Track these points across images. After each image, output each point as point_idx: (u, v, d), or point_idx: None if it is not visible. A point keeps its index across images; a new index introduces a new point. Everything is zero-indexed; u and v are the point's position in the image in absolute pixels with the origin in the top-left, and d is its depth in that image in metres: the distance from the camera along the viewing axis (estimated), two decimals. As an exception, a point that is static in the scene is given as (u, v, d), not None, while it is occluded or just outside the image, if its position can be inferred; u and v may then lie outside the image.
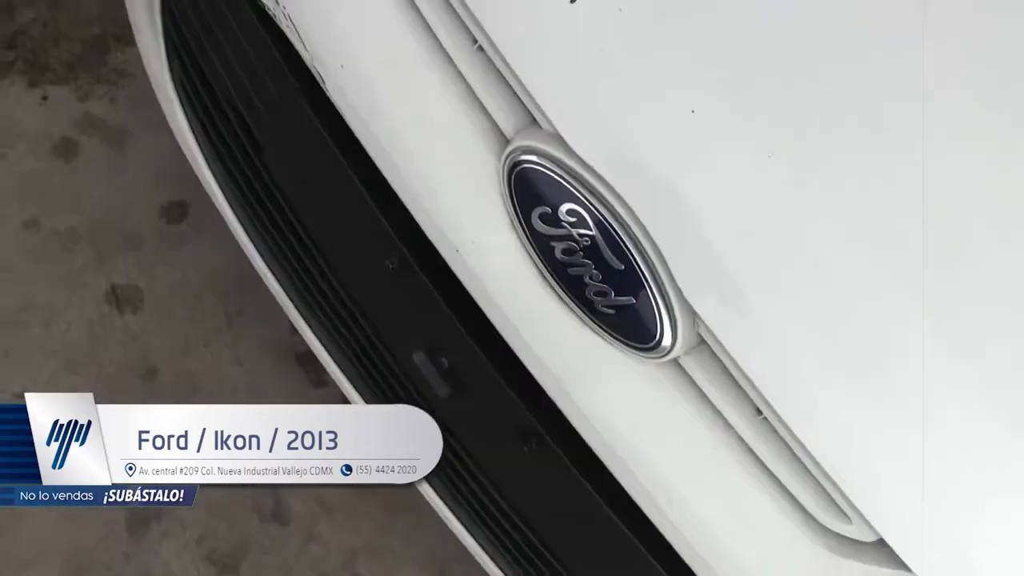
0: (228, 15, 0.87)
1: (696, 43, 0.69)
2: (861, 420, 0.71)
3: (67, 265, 1.24)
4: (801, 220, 0.67)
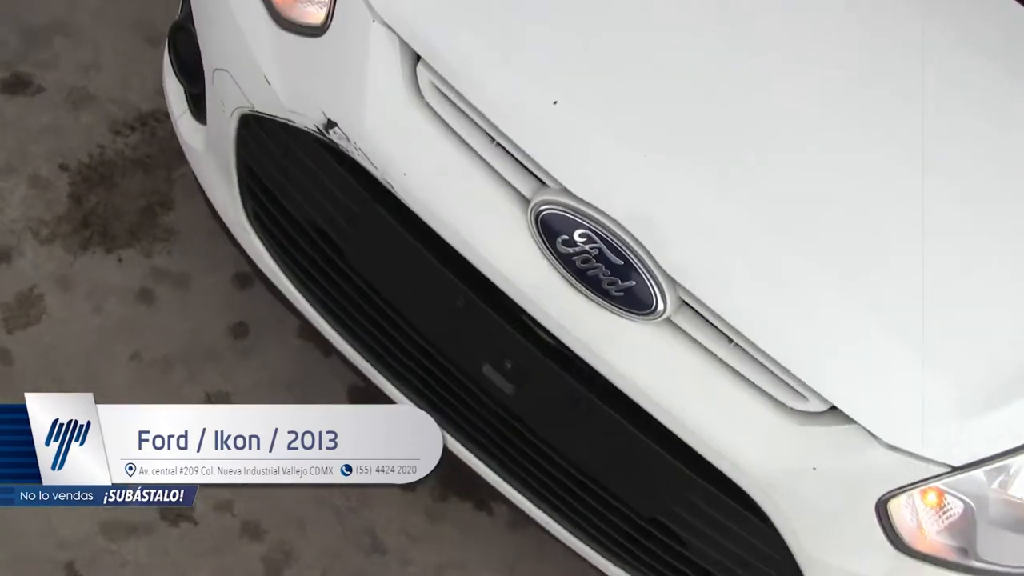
0: (305, 159, 1.27)
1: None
2: (797, 328, 1.12)
3: (168, 384, 1.58)
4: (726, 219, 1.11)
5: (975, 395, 1.15)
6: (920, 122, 1.23)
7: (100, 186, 1.75)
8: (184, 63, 1.49)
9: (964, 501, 1.18)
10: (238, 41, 1.28)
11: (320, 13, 1.23)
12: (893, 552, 1.20)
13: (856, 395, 1.13)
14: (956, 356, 1.15)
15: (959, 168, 1.23)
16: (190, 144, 1.50)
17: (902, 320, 1.13)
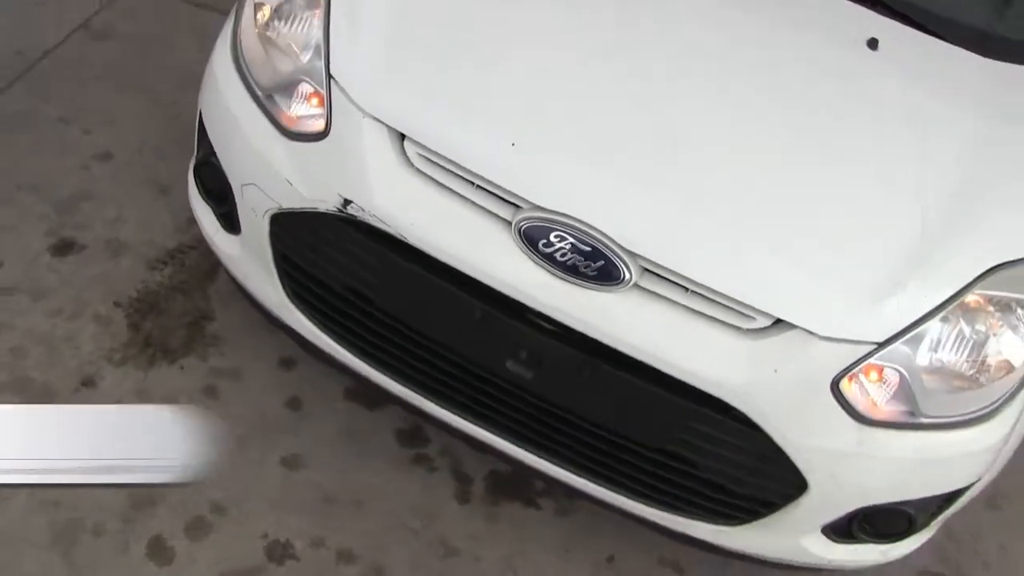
0: (330, 234, 1.64)
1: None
2: (734, 266, 1.50)
3: (249, 457, 1.91)
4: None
5: (878, 284, 1.53)
6: (782, 104, 1.71)
7: (151, 313, 2.11)
8: (211, 190, 1.87)
9: (898, 371, 1.55)
10: (259, 159, 1.67)
11: (320, 122, 1.62)
12: (856, 425, 1.55)
13: (790, 306, 1.51)
14: (855, 258, 1.54)
15: (811, 127, 1.69)
16: (228, 253, 1.87)
17: (808, 242, 1.54)
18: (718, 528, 1.72)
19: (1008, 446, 1.73)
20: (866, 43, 1.95)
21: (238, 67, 1.74)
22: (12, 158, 2.37)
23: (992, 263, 1.59)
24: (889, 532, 1.75)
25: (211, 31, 3.11)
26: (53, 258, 2.16)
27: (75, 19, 2.97)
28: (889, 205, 1.63)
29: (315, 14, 1.71)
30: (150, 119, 2.67)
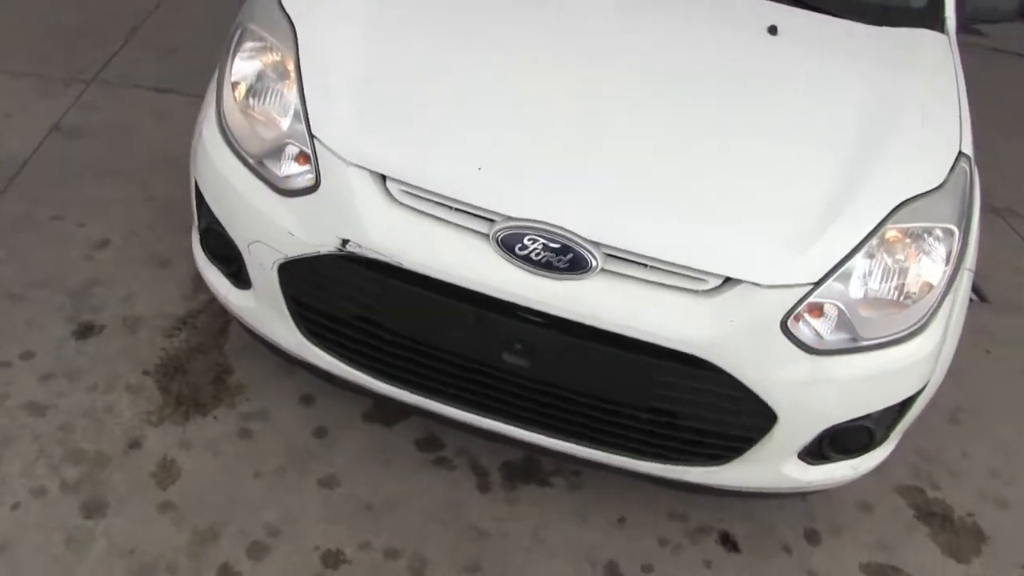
0: (334, 272, 1.90)
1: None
2: (681, 239, 1.78)
3: (288, 483, 2.16)
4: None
5: (804, 233, 1.83)
6: (699, 91, 2.01)
7: (177, 375, 2.35)
8: (218, 254, 2.13)
9: (836, 305, 1.85)
10: (261, 218, 1.93)
11: (310, 177, 1.89)
12: (808, 357, 1.84)
13: (734, 265, 1.80)
14: (781, 214, 1.84)
15: (726, 107, 2.02)
16: (243, 306, 2.12)
17: (739, 207, 1.84)
18: (709, 470, 1.99)
19: (944, 354, 2.04)
20: (767, 29, 2.27)
21: (227, 141, 2.00)
22: (19, 260, 2.61)
23: (899, 200, 1.91)
24: (855, 447, 2.04)
25: (172, 112, 3.44)
26: (78, 341, 2.39)
27: (45, 123, 3.22)
28: (803, 164, 1.94)
29: (286, 84, 1.98)
30: (134, 203, 2.92)
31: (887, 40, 2.38)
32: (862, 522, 2.42)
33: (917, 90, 2.22)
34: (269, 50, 2.02)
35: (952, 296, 1.99)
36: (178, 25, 4.13)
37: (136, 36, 3.98)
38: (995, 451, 2.77)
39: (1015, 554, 2.44)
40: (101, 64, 3.68)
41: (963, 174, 2.04)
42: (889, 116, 2.08)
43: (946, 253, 1.93)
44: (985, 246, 3.90)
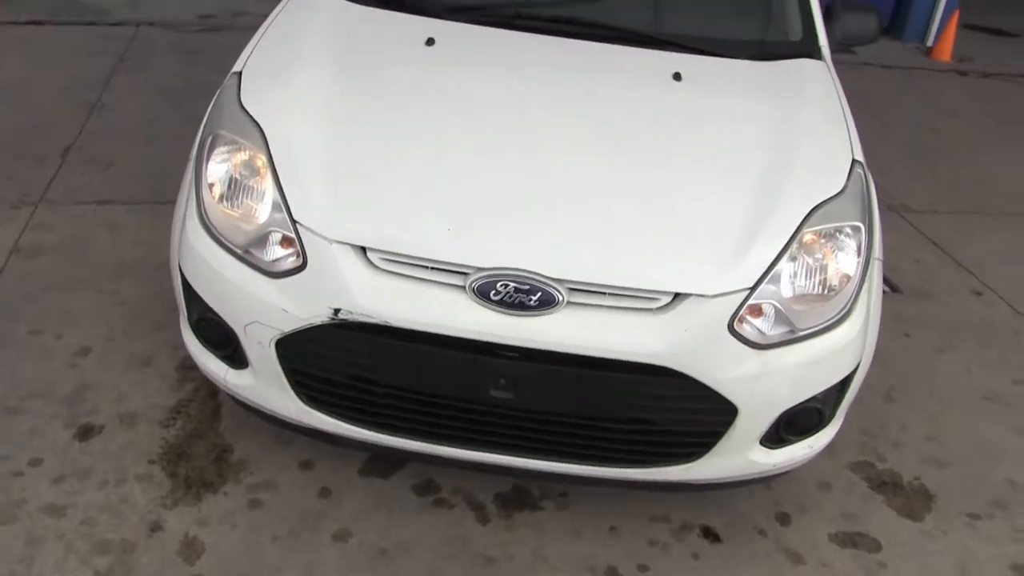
0: (328, 339, 2.11)
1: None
2: (631, 267, 2.06)
3: (305, 543, 2.33)
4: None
5: (735, 247, 2.12)
6: (625, 136, 2.33)
7: (181, 460, 2.51)
8: (212, 340, 2.31)
9: (772, 304, 2.14)
10: (255, 301, 2.14)
11: (296, 258, 2.11)
12: (755, 352, 2.12)
13: (680, 282, 2.08)
14: (712, 233, 2.14)
15: (649, 147, 2.36)
16: (242, 385, 2.31)
17: (676, 233, 2.14)
18: (685, 467, 2.24)
19: (869, 335, 2.34)
20: (672, 76, 2.60)
21: (212, 235, 2.21)
22: (7, 375, 2.74)
23: (809, 207, 2.23)
24: (808, 428, 2.32)
25: (120, 223, 3.63)
26: (81, 443, 2.54)
27: (3, 247, 3.37)
28: (723, 189, 2.25)
29: (260, 180, 2.21)
30: (105, 310, 3.08)
31: (776, 73, 2.73)
32: (824, 499, 2.70)
33: (808, 112, 2.58)
34: (241, 150, 2.24)
35: (868, 283, 2.31)
36: (108, 139, 4.32)
37: (71, 154, 4.15)
38: (927, 420, 3.10)
39: (960, 505, 2.75)
40: (44, 185, 3.84)
41: (859, 178, 2.37)
42: (788, 137, 2.42)
43: (857, 246, 2.25)
44: (889, 242, 4.34)
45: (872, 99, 6.47)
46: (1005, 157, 5.69)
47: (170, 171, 3.85)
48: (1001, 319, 3.82)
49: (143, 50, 5.56)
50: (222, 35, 5.91)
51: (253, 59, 2.53)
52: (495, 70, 2.61)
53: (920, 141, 5.78)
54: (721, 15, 3.09)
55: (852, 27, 3.08)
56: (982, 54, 8.02)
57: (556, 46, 2.73)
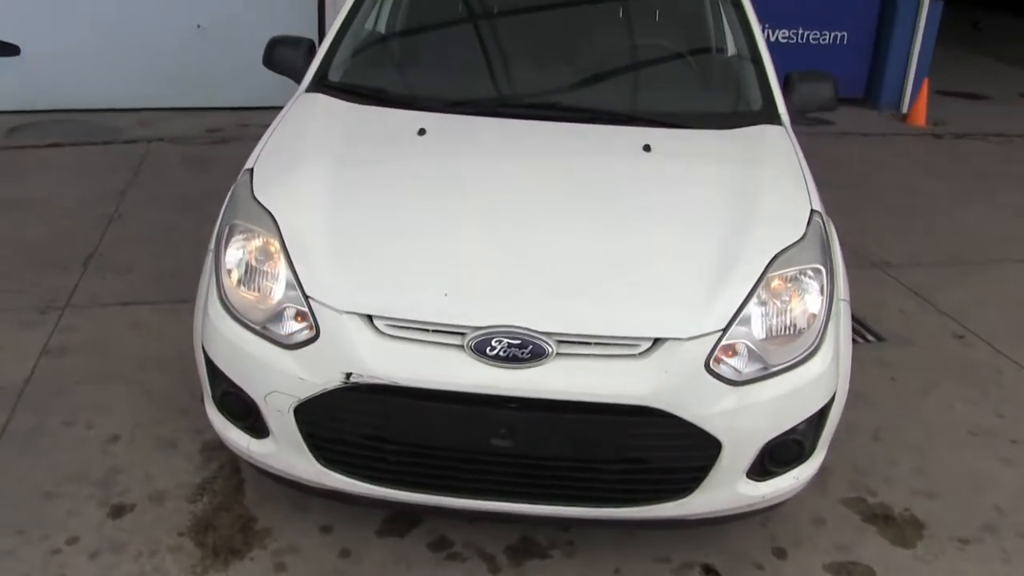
0: (342, 402, 2.31)
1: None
2: (613, 317, 2.27)
3: None
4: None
5: (706, 294, 2.34)
6: (602, 204, 2.59)
7: (208, 531, 2.68)
8: (235, 413, 2.51)
9: (744, 343, 2.34)
10: (274, 371, 2.35)
11: (310, 330, 2.33)
12: (732, 389, 2.32)
13: (659, 328, 2.29)
14: (685, 283, 2.36)
15: (624, 212, 2.61)
16: (263, 452, 2.50)
17: (653, 286, 2.36)
18: (678, 503, 2.40)
19: (842, 369, 2.53)
20: (642, 148, 2.86)
21: (232, 315, 2.44)
22: (44, 464, 2.93)
23: (772, 254, 2.45)
24: (790, 459, 2.49)
25: (142, 321, 3.86)
26: (115, 520, 2.71)
27: (34, 349, 3.60)
28: (693, 243, 2.48)
29: (273, 263, 2.45)
30: (132, 399, 3.29)
31: (737, 139, 3.00)
32: (818, 533, 2.84)
33: (767, 170, 2.83)
34: (256, 237, 2.49)
35: (835, 321, 2.51)
36: (127, 246, 4.60)
37: (93, 261, 4.42)
38: (915, 455, 3.25)
39: (950, 531, 2.89)
40: (69, 291, 4.09)
41: (818, 225, 2.60)
42: (750, 194, 2.66)
43: (819, 287, 2.47)
44: (872, 295, 4.56)
45: (851, 165, 6.78)
46: (981, 209, 5.94)
47: (186, 273, 4.15)
48: (982, 358, 4.00)
49: (155, 164, 5.91)
50: (229, 146, 6.27)
51: (263, 157, 2.80)
52: (482, 153, 2.89)
53: (899, 201, 6.04)
54: (686, 92, 3.39)
55: (810, 94, 3.35)
56: (956, 117, 8.37)
57: (537, 129, 3.01)
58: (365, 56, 3.53)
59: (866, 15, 8.41)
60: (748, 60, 3.40)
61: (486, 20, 3.61)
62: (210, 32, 7.03)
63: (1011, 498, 3.06)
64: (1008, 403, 3.64)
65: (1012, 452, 3.32)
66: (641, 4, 3.79)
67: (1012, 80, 10.30)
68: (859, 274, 4.75)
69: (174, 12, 6.92)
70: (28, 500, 2.78)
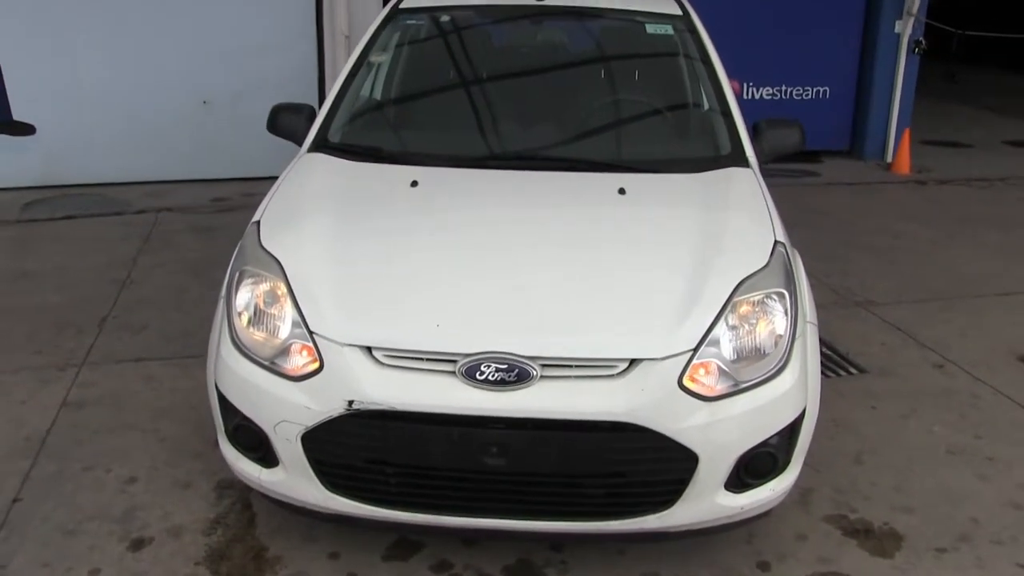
0: (345, 428, 2.51)
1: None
2: (592, 342, 2.50)
3: None
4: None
5: (677, 318, 2.56)
6: (581, 241, 2.83)
7: (223, 560, 2.86)
8: (247, 444, 2.72)
9: (714, 362, 2.56)
10: (282, 402, 2.56)
11: (314, 364, 2.55)
12: (705, 404, 2.52)
13: (634, 350, 2.50)
14: (658, 309, 2.58)
15: (601, 248, 2.85)
16: (273, 480, 2.69)
17: (629, 314, 2.58)
18: (660, 515, 2.58)
19: (811, 382, 2.73)
20: (618, 191, 3.11)
21: (243, 353, 2.66)
22: (65, 505, 3.13)
23: (738, 280, 2.67)
24: (765, 471, 2.67)
25: (155, 375, 4.07)
26: (135, 553, 2.89)
27: (54, 402, 3.81)
28: (665, 273, 2.71)
29: (280, 305, 2.68)
30: (148, 446, 3.49)
31: (707, 181, 3.25)
32: (801, 547, 3.01)
33: (734, 208, 3.08)
34: (264, 281, 2.73)
35: (801, 341, 2.72)
36: (139, 308, 4.85)
37: (107, 323, 4.66)
38: (895, 474, 3.42)
39: (927, 543, 3.05)
40: (85, 350, 4.32)
41: (781, 255, 2.83)
42: (717, 228, 2.90)
43: (783, 309, 2.69)
44: (857, 331, 4.77)
45: (837, 212, 7.04)
46: (962, 251, 6.17)
47: (195, 331, 4.43)
48: (960, 385, 4.18)
49: (164, 232, 6.20)
50: (234, 214, 6.55)
51: (269, 210, 3.06)
52: (469, 199, 3.15)
53: (883, 244, 6.28)
54: (659, 142, 3.67)
55: (778, 139, 3.61)
56: (939, 164, 8.67)
57: (520, 177, 3.27)
58: (361, 119, 3.82)
59: (846, 70, 8.76)
60: (718, 111, 3.67)
61: (473, 81, 3.91)
62: (216, 108, 7.39)
63: (987, 510, 3.23)
64: (985, 425, 3.82)
65: (988, 468, 3.49)
66: (617, 64, 4.09)
67: (993, 128, 10.63)
68: (843, 312, 5.00)
69: (182, 89, 7.29)
70: (52, 537, 2.97)
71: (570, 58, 4.16)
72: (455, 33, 4.06)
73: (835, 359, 4.39)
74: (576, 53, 4.17)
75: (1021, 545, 3.04)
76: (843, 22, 8.60)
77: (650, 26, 4.00)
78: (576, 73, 4.01)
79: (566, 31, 4.18)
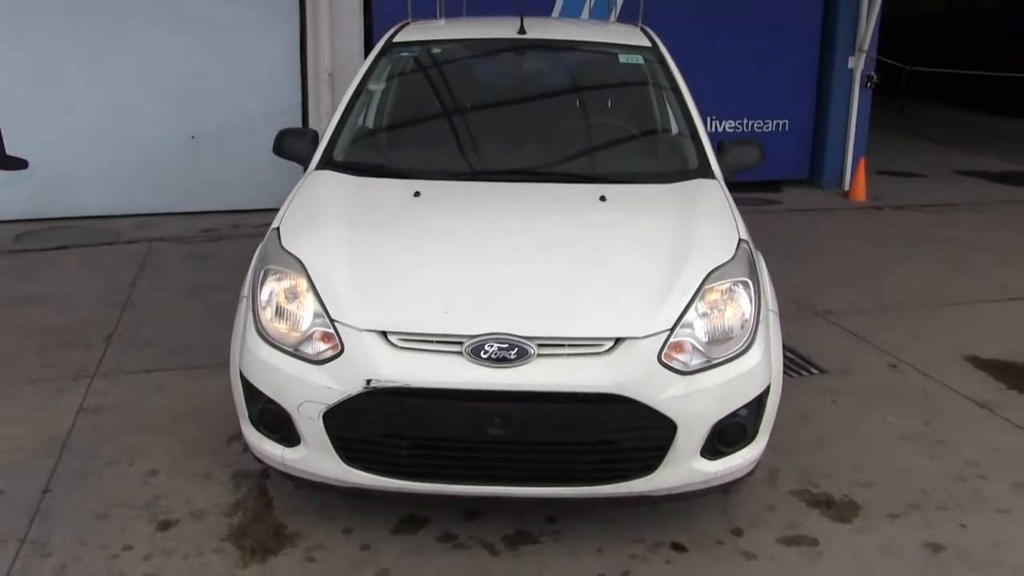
0: (364, 405, 2.83)
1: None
2: (580, 323, 2.87)
3: None
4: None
5: (654, 302, 2.93)
6: (566, 239, 3.20)
7: (245, 536, 3.16)
8: (271, 426, 3.03)
9: (689, 341, 2.93)
10: (307, 384, 2.89)
11: (335, 349, 2.88)
12: (682, 377, 2.89)
13: (619, 329, 2.86)
14: (638, 294, 2.96)
15: (585, 245, 3.27)
16: (296, 458, 3.00)
17: (613, 297, 2.95)
18: (646, 479, 2.93)
19: (774, 363, 3.11)
20: (599, 198, 3.50)
21: (268, 342, 2.99)
22: (94, 495, 3.40)
23: (707, 271, 3.06)
24: (736, 439, 3.03)
25: (166, 384, 4.37)
26: (162, 532, 3.18)
27: (72, 408, 4.09)
28: (643, 265, 3.10)
29: (301, 298, 3.01)
30: (167, 444, 3.78)
31: (679, 189, 3.66)
32: (770, 516, 3.36)
33: (703, 211, 3.48)
34: (286, 278, 3.07)
35: (764, 325, 3.10)
36: (143, 326, 5.14)
37: (113, 340, 4.94)
38: (853, 456, 3.80)
39: (882, 509, 3.42)
40: (95, 363, 4.60)
41: (745, 250, 3.23)
42: (688, 228, 3.31)
43: (748, 296, 3.07)
44: (817, 337, 5.17)
45: (797, 235, 7.50)
46: (916, 268, 6.63)
47: (199, 345, 4.74)
48: (913, 382, 4.58)
49: (159, 259, 6.48)
50: (224, 243, 6.86)
51: (286, 219, 3.41)
52: (468, 204, 3.54)
53: (840, 262, 6.72)
54: (635, 158, 4.09)
55: (740, 155, 4.03)
56: (894, 192, 9.19)
57: (513, 187, 3.67)
58: (363, 141, 4.19)
59: (805, 103, 9.29)
60: (686, 132, 4.09)
61: (466, 106, 4.32)
62: (203, 143, 7.71)
63: (935, 482, 3.61)
64: (934, 414, 4.22)
65: (937, 450, 3.88)
66: (594, 90, 4.52)
67: (943, 159, 11.21)
68: (805, 321, 5.41)
69: (169, 125, 7.60)
70: (84, 521, 3.25)
71: (553, 84, 4.58)
72: (447, 64, 4.47)
73: (798, 361, 4.78)
74: (558, 80, 4.60)
75: (965, 509, 3.43)
76: (800, 58, 9.14)
77: (622, 56, 4.43)
78: (559, 98, 4.42)
79: (548, 61, 4.61)
